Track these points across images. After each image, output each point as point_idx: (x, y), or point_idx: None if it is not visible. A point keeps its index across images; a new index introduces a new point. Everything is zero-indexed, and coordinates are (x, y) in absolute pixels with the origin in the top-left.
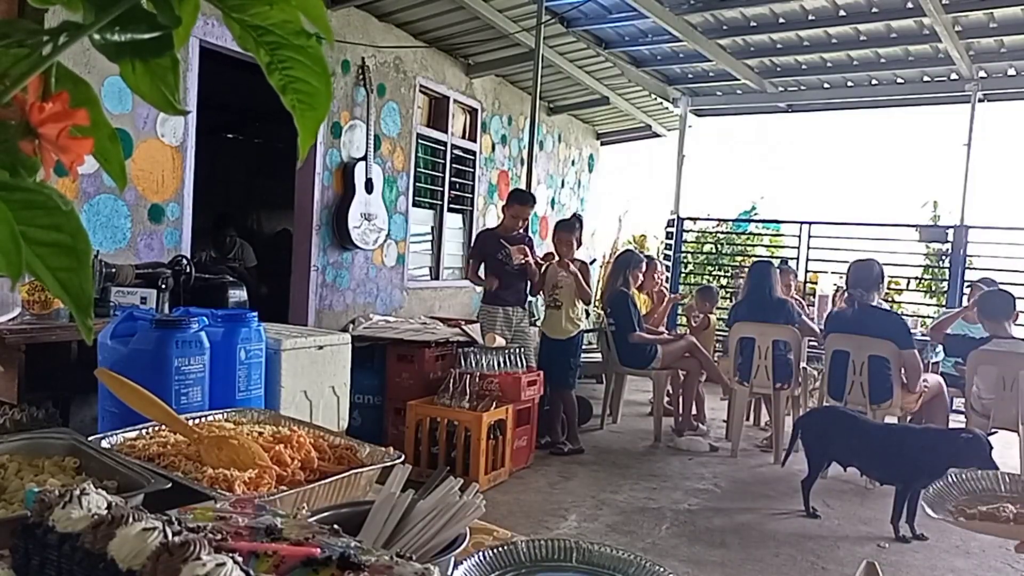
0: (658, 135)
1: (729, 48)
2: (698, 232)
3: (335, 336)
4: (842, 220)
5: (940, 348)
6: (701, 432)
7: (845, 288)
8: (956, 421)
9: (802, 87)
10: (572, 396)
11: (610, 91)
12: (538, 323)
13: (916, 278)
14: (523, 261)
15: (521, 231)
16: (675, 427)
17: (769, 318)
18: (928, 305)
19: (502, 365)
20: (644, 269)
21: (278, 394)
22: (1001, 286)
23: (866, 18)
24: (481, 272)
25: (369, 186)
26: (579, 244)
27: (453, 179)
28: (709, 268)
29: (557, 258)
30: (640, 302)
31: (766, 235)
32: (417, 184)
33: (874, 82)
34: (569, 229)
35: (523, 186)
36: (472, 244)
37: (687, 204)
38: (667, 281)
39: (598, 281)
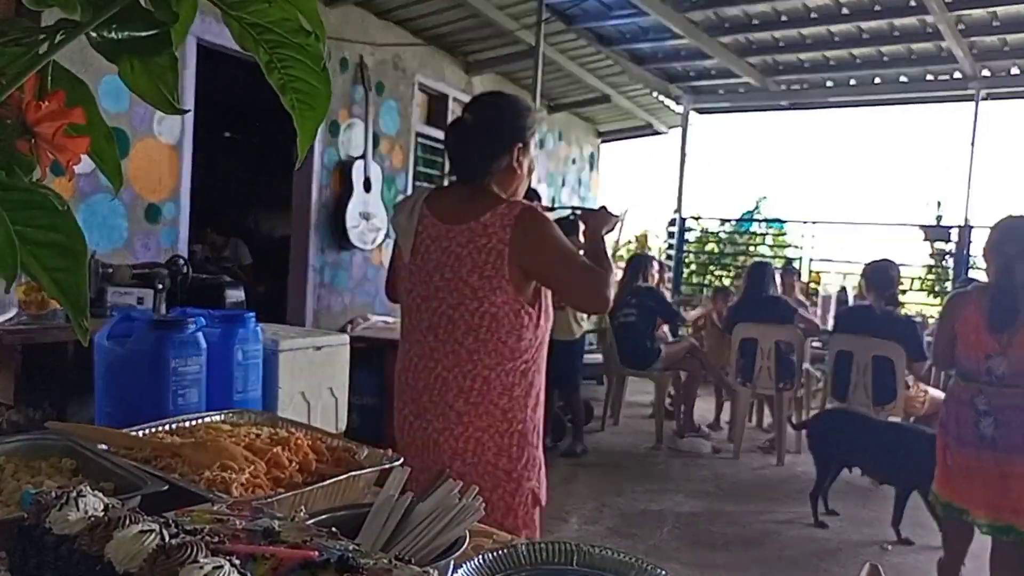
0: (659, 133)
1: (731, 46)
2: (700, 231)
3: (333, 337)
4: (846, 219)
5: None
6: (703, 434)
7: (865, 289)
8: None
9: (804, 85)
10: (579, 398)
11: (611, 89)
12: None
13: (920, 278)
14: None
15: None
16: (676, 429)
17: (765, 316)
18: (932, 305)
19: None
20: (657, 269)
21: (276, 395)
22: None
23: (869, 16)
24: None
25: (367, 185)
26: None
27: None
28: (712, 268)
29: None
30: None
31: (769, 234)
32: (416, 183)
33: (877, 80)
34: (564, 228)
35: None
36: None
37: (689, 203)
38: (669, 281)
39: None
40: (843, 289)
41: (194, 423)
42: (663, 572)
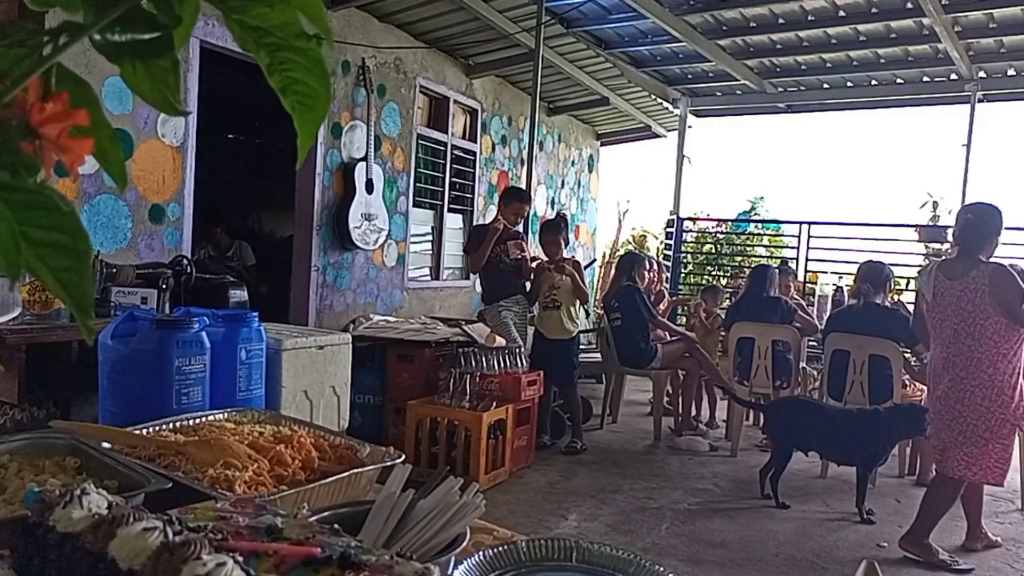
0: (658, 135)
1: (729, 49)
2: (698, 232)
3: (335, 336)
4: (842, 220)
5: None
6: (701, 432)
7: (853, 283)
8: None
9: (802, 87)
10: (577, 395)
11: (610, 92)
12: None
13: (915, 278)
14: (520, 256)
15: (517, 228)
16: (674, 427)
17: (763, 316)
18: None
19: (502, 365)
20: (648, 268)
21: (279, 394)
22: None
23: (866, 18)
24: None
25: (369, 186)
26: (566, 243)
27: (453, 179)
28: (709, 268)
29: (549, 262)
30: None
31: (766, 235)
32: (417, 184)
33: (874, 82)
34: (555, 230)
35: (523, 186)
36: (469, 238)
37: (687, 204)
38: (667, 281)
39: (597, 281)
40: (839, 289)
41: (198, 421)
42: (661, 568)
